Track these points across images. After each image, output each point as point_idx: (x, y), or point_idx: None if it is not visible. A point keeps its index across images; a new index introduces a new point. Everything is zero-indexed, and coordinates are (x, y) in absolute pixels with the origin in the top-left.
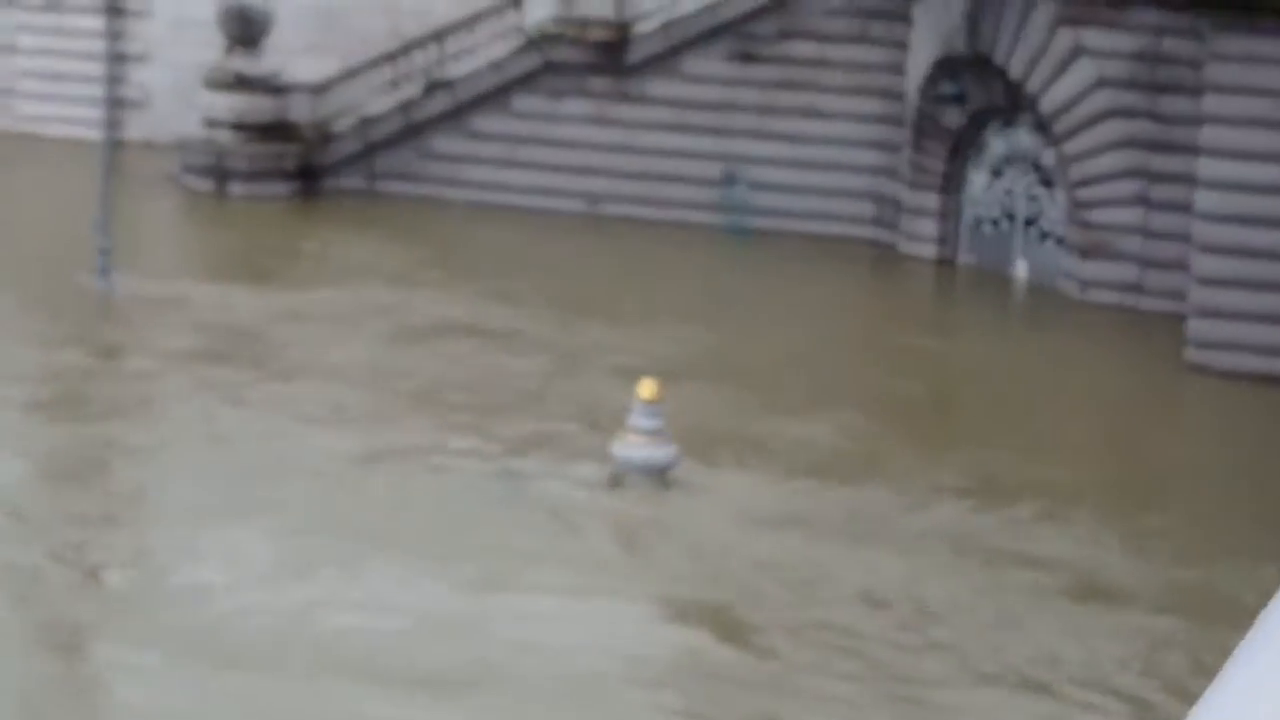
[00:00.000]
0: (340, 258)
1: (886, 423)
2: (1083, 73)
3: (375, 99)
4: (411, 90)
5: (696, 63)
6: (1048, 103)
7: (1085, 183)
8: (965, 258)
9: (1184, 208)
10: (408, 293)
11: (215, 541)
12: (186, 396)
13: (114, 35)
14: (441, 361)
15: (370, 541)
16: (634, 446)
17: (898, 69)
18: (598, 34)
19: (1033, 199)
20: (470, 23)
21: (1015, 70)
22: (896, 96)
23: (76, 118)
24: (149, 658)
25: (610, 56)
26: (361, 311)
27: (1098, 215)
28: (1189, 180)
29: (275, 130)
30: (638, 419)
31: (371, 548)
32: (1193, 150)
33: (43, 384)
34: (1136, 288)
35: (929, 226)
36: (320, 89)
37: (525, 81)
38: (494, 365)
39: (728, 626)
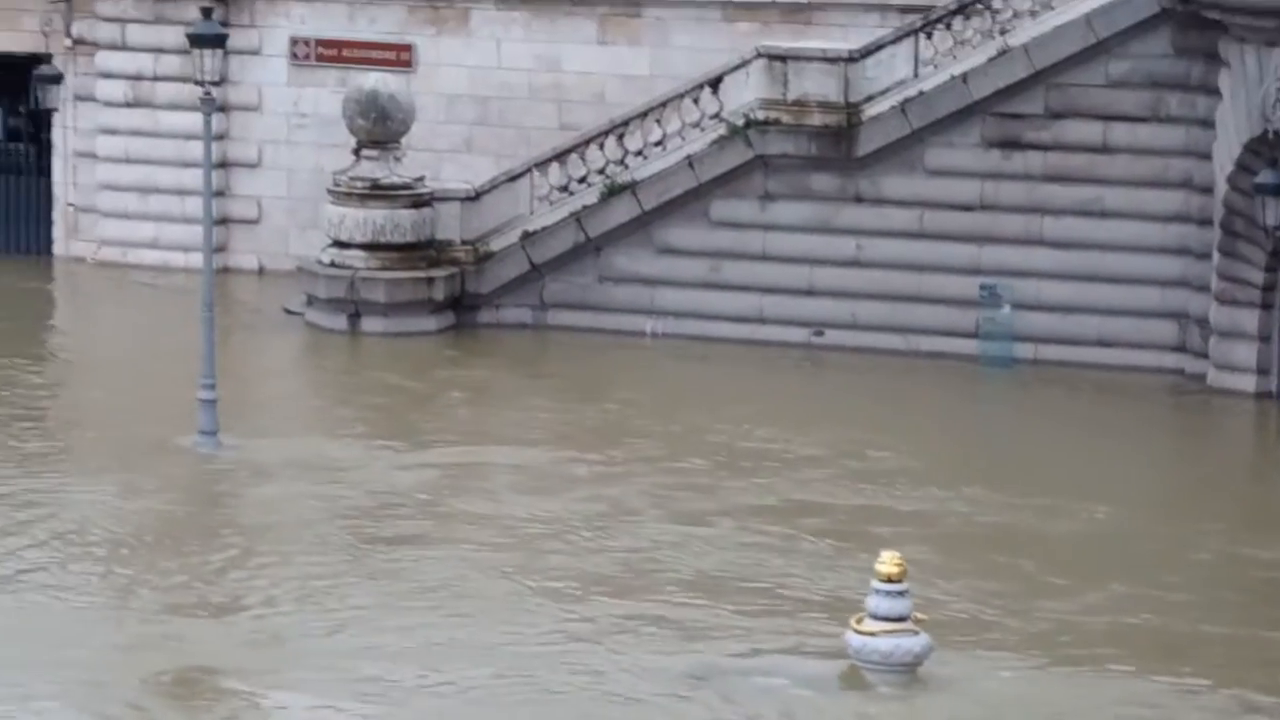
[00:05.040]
0: (500, 414)
1: (1211, 617)
2: None
3: (542, 209)
4: (587, 196)
5: (944, 152)
6: None
7: None
8: None
9: None
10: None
11: None
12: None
13: (215, 136)
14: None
15: None
16: (873, 635)
17: (1202, 153)
18: (819, 119)
19: None
20: (657, 110)
21: None
22: (1201, 189)
23: (169, 240)
24: None
25: (836, 146)
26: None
27: None
28: None
29: (419, 250)
30: (878, 601)
31: None
32: None
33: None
34: None
35: (1246, 353)
36: (474, 197)
37: (728, 181)
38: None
39: None
